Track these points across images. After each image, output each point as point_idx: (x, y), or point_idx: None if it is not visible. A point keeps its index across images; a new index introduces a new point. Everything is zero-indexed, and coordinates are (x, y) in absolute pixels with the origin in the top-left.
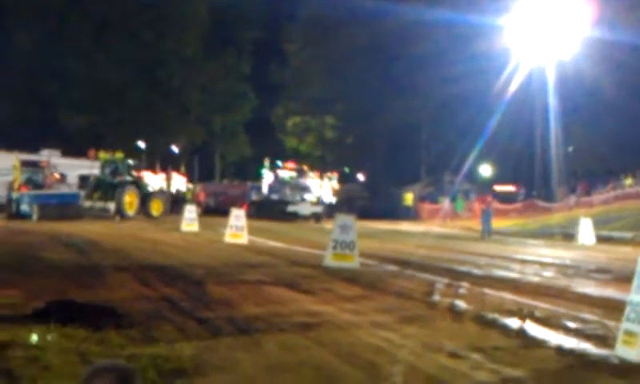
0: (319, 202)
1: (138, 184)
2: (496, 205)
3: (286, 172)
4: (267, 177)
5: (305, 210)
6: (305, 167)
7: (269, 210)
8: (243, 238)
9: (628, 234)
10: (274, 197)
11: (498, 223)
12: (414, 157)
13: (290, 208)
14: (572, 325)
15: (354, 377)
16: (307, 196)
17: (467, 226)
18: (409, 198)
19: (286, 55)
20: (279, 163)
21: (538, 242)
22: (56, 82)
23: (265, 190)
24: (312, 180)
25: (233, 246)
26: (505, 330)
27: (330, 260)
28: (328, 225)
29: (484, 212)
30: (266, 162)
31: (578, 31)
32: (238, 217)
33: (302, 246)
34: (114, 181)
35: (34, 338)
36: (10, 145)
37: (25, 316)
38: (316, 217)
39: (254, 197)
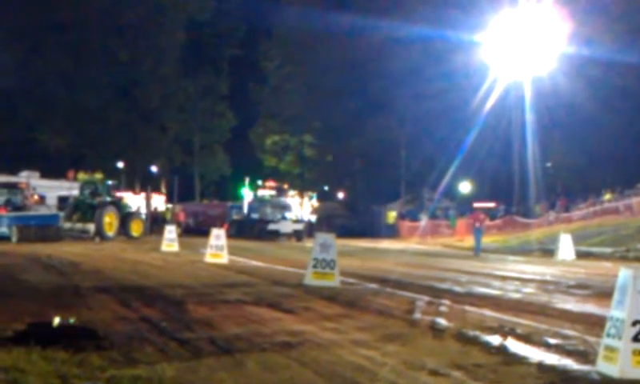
0: (299, 220)
1: (118, 205)
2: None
3: (266, 191)
4: (247, 196)
5: (286, 228)
6: (285, 186)
7: (249, 230)
8: (223, 258)
9: (607, 250)
10: (254, 216)
11: None
12: (394, 174)
13: (271, 226)
14: (553, 341)
15: None
16: (288, 214)
17: (447, 243)
18: (391, 216)
19: (264, 73)
20: (259, 182)
21: (518, 258)
22: (34, 104)
23: (245, 209)
24: (292, 198)
25: (213, 265)
26: (486, 347)
27: (310, 279)
28: (309, 243)
29: (476, 230)
30: (246, 182)
31: (554, 47)
32: (218, 236)
33: (282, 264)
34: (94, 202)
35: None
36: None
37: (5, 338)
38: (297, 235)
39: (235, 216)
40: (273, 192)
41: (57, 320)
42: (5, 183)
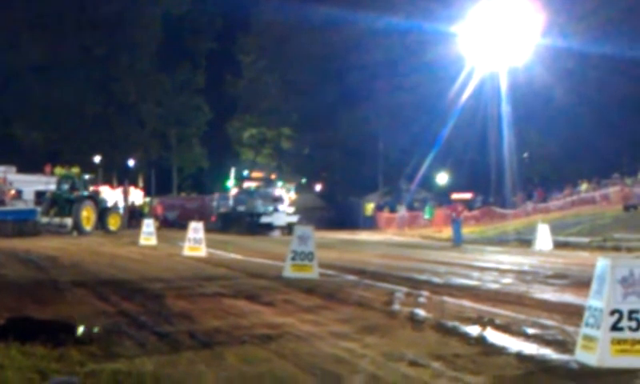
0: (294, 212)
1: (95, 199)
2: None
3: (252, 182)
4: (232, 188)
5: (279, 220)
6: (272, 176)
7: (237, 223)
8: (202, 251)
9: (584, 239)
10: (241, 208)
11: None
12: (371, 166)
13: (264, 219)
14: (531, 331)
15: None
16: (280, 206)
17: (425, 234)
18: (369, 207)
19: (241, 67)
20: (245, 173)
21: (496, 248)
22: (10, 98)
23: (231, 201)
24: (279, 189)
25: (191, 259)
26: (465, 337)
27: (289, 271)
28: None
29: (454, 221)
30: (232, 173)
31: (530, 39)
32: (196, 229)
33: (260, 257)
34: (71, 196)
35: None
36: None
37: None
38: (291, 228)
39: (222, 209)
40: (259, 183)
41: (35, 315)
42: None
